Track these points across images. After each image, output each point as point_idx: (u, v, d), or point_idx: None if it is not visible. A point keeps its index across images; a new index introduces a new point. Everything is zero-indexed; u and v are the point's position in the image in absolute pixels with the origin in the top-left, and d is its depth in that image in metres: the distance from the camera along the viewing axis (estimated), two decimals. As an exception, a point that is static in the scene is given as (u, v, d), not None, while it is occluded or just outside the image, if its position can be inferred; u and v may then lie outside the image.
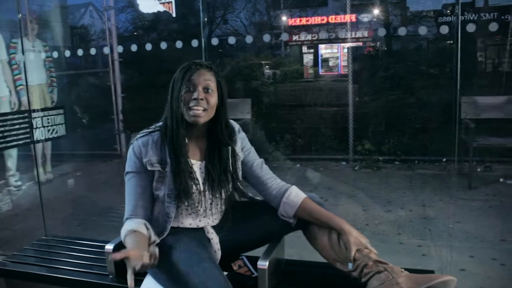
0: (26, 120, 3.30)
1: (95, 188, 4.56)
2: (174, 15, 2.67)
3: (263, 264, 1.58)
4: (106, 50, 5.51)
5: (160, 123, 1.67)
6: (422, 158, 5.15)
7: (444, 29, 3.76)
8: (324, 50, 12.26)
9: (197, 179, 1.65)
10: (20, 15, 3.05)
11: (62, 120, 3.67)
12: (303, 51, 12.46)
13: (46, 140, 3.66)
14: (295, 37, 11.72)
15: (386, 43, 8.26)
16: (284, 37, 11.13)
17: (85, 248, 2.13)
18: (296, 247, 1.72)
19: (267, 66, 8.86)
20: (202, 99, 1.56)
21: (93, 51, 4.70)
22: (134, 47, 4.12)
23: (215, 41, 3.34)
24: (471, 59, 5.85)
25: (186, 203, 1.65)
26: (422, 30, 4.59)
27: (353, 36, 8.72)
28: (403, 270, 1.52)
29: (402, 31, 4.51)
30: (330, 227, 1.61)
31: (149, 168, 1.61)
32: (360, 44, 9.03)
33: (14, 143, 3.29)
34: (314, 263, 1.81)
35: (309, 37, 11.54)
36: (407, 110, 5.47)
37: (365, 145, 5.33)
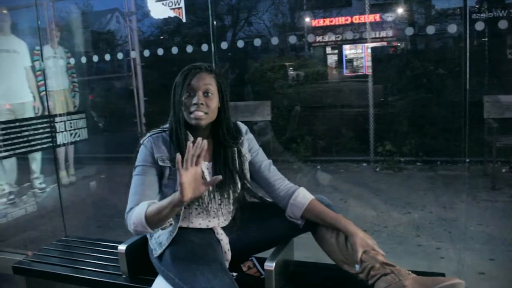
0: (50, 124, 3.40)
1: (117, 190, 4.64)
2: (184, 20, 2.70)
3: (270, 265, 1.60)
4: (130, 54, 5.61)
5: (167, 125, 1.70)
6: (444, 159, 5.06)
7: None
8: (348, 50, 12.15)
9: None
10: (39, 22, 3.15)
11: (84, 124, 3.76)
12: (327, 52, 12.39)
13: (69, 144, 3.76)
14: (318, 38, 11.69)
15: (411, 42, 8.17)
16: (308, 38, 11.12)
17: (100, 249, 2.19)
18: (313, 249, 1.73)
19: (291, 68, 8.86)
20: (202, 103, 1.59)
21: (116, 56, 4.80)
22: (155, 52, 4.20)
23: (240, 44, 3.33)
24: (497, 57, 5.72)
25: (197, 203, 1.67)
26: (451, 28, 4.50)
27: (377, 36, 8.66)
28: (410, 272, 1.52)
29: (426, 30, 4.43)
30: (337, 229, 1.61)
31: (160, 163, 1.63)
32: (385, 44, 8.95)
33: (38, 146, 3.39)
34: (323, 265, 1.82)
35: (333, 37, 11.47)
36: (430, 110, 5.39)
37: (386, 146, 5.28)
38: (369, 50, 7.99)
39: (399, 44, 8.48)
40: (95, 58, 4.23)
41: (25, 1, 4.51)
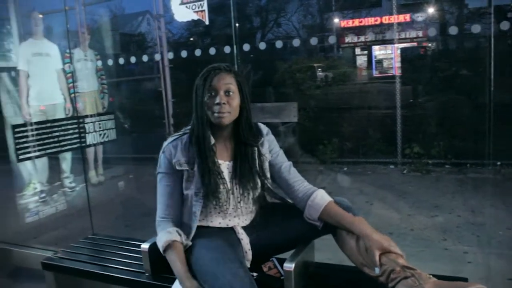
0: (78, 125, 3.49)
1: (145, 190, 4.72)
2: (207, 23, 2.74)
3: (289, 266, 1.60)
4: (157, 56, 5.70)
5: (189, 127, 1.74)
6: (474, 162, 4.94)
7: (505, 26, 3.59)
8: (378, 51, 12.02)
9: (224, 178, 1.70)
10: (69, 26, 3.24)
11: (113, 125, 3.85)
12: (356, 53, 12.30)
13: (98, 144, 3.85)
14: (347, 39, 11.61)
15: (442, 42, 8.02)
16: (336, 39, 11.04)
17: (125, 247, 2.24)
18: (336, 251, 1.73)
19: (319, 69, 8.82)
20: (224, 103, 1.62)
21: (145, 58, 4.89)
22: (183, 53, 4.26)
23: (262, 45, 3.36)
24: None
25: (214, 202, 1.70)
26: (475, 28, 4.40)
27: (407, 36, 8.55)
28: (431, 276, 1.50)
29: (455, 30, 4.33)
30: (352, 232, 1.61)
31: (177, 168, 1.69)
32: (415, 44, 8.82)
33: (68, 147, 3.49)
34: (343, 267, 1.81)
35: (362, 38, 11.39)
36: (459, 111, 5.28)
37: (413, 148, 5.20)
38: (399, 51, 7.89)
39: (429, 44, 8.35)
40: (125, 60, 4.32)
41: (59, 6, 4.65)
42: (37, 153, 3.37)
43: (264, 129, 1.81)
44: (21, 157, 3.28)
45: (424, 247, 3.06)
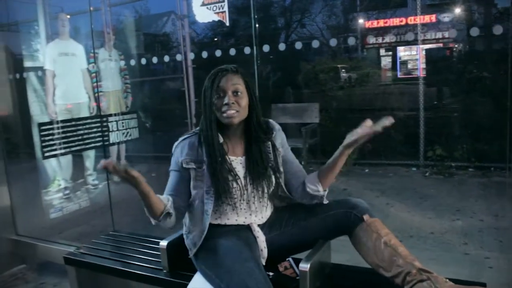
0: (101, 124, 3.56)
1: (167, 189, 4.77)
2: (227, 24, 2.76)
3: (305, 266, 1.61)
4: (180, 57, 5.76)
5: (198, 128, 1.78)
6: (499, 165, 4.84)
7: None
8: (402, 52, 11.88)
9: (237, 174, 1.73)
10: (93, 26, 3.31)
11: (135, 124, 3.91)
12: (381, 53, 12.19)
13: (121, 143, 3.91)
14: (372, 40, 11.51)
15: (468, 43, 7.88)
16: (361, 40, 10.96)
17: (145, 244, 2.29)
18: (353, 252, 1.73)
19: (343, 70, 8.78)
20: (233, 103, 1.66)
21: (168, 58, 4.94)
22: (206, 54, 4.29)
23: (282, 47, 3.35)
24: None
25: (226, 199, 1.73)
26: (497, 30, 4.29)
27: (433, 37, 8.42)
28: (447, 280, 1.49)
29: (482, 31, 4.25)
30: (339, 160, 1.70)
31: (184, 166, 1.73)
32: (440, 45, 8.69)
33: (92, 145, 3.56)
34: (360, 268, 1.81)
35: (386, 39, 11.27)
36: (484, 114, 5.19)
37: (436, 151, 5.13)
38: (424, 52, 7.79)
39: (455, 45, 8.21)
40: (148, 60, 4.37)
41: (85, 7, 4.75)
42: (62, 151, 3.44)
43: (276, 125, 1.85)
44: (46, 154, 3.36)
45: (444, 251, 3.02)
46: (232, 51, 3.14)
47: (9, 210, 3.30)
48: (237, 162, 1.75)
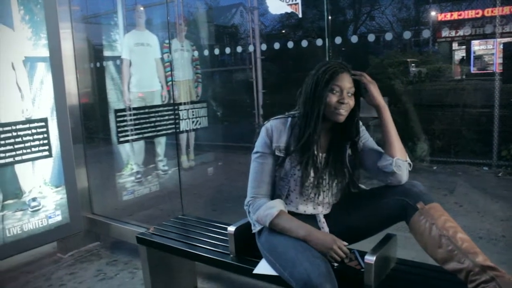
0: (174, 112, 3.68)
1: (233, 177, 4.86)
2: (300, 15, 2.75)
3: (371, 258, 1.59)
4: (250, 48, 5.82)
5: (293, 112, 1.78)
6: None
7: None
8: (477, 46, 11.27)
9: (318, 167, 1.74)
10: (169, 18, 3.41)
11: (205, 113, 4.01)
12: (453, 47, 11.63)
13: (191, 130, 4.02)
14: (444, 33, 11.02)
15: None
16: (432, 33, 10.53)
17: (213, 229, 2.35)
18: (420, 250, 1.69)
19: (413, 64, 8.50)
20: (347, 102, 1.65)
21: (238, 49, 5.02)
22: (275, 45, 4.30)
23: (354, 39, 3.28)
24: None
25: (302, 189, 1.75)
26: None
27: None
28: (514, 279, 1.40)
29: None
30: (382, 120, 1.72)
31: (276, 153, 1.75)
32: (521, 38, 8.15)
33: (163, 132, 3.69)
34: (425, 265, 1.76)
35: (460, 32, 10.74)
36: None
37: (511, 150, 4.84)
38: (501, 46, 7.34)
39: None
40: (218, 51, 4.45)
41: (158, -1, 4.92)
42: (135, 137, 3.60)
43: (361, 126, 1.83)
44: (121, 139, 3.53)
45: (516, 255, 2.87)
46: (304, 43, 3.13)
47: (86, 190, 3.49)
48: (321, 157, 1.77)
